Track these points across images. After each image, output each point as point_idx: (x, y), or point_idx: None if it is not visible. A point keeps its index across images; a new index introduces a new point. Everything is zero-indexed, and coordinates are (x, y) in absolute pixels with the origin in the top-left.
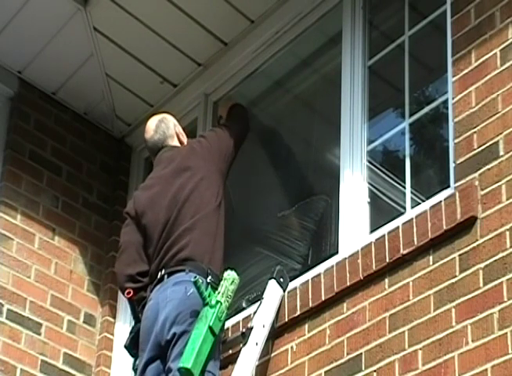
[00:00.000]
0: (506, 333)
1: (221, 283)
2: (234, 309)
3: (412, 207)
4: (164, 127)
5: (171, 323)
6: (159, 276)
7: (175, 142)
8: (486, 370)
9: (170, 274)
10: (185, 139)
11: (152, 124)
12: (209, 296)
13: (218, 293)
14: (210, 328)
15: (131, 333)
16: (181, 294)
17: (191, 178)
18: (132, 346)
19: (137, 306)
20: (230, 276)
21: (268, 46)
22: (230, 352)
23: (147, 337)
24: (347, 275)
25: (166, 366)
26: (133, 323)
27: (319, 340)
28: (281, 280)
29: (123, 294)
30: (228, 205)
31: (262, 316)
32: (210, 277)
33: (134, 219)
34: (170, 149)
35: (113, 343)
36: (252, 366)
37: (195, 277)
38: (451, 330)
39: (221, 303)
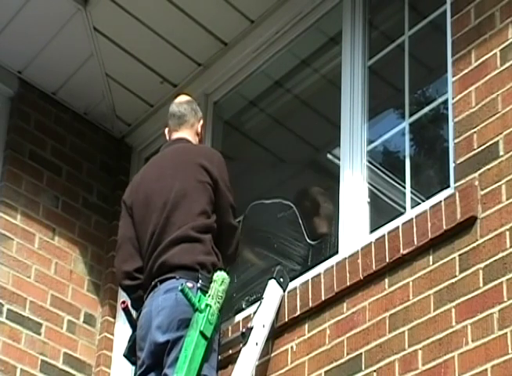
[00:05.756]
0: (506, 333)
1: (211, 285)
2: (234, 309)
3: (412, 208)
4: (191, 109)
5: (164, 331)
6: (152, 284)
7: (188, 131)
8: (486, 370)
9: (162, 281)
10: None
11: (185, 97)
12: (199, 301)
13: (209, 296)
14: (201, 333)
15: (129, 342)
16: (171, 301)
17: (184, 182)
18: (131, 354)
19: (137, 306)
20: (219, 276)
21: (268, 46)
22: (230, 352)
23: (143, 345)
24: (347, 275)
25: (162, 373)
26: (131, 332)
27: (318, 340)
28: (281, 280)
29: (122, 289)
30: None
31: (262, 316)
32: (200, 282)
33: (130, 210)
34: (180, 140)
35: (113, 343)
36: (252, 366)
37: (182, 285)
38: (451, 330)
39: (211, 306)
